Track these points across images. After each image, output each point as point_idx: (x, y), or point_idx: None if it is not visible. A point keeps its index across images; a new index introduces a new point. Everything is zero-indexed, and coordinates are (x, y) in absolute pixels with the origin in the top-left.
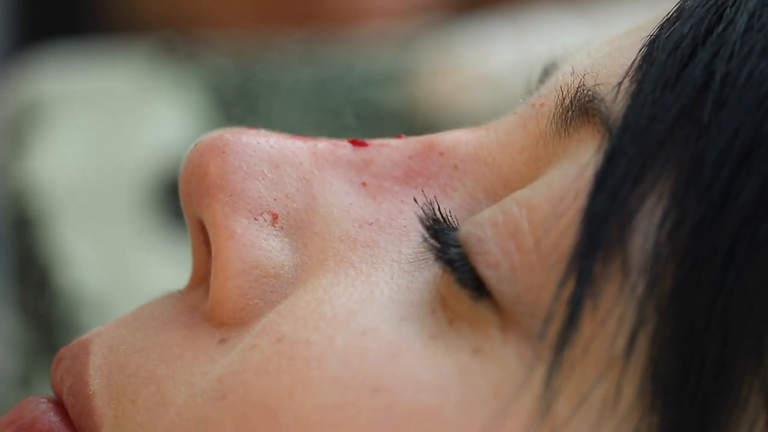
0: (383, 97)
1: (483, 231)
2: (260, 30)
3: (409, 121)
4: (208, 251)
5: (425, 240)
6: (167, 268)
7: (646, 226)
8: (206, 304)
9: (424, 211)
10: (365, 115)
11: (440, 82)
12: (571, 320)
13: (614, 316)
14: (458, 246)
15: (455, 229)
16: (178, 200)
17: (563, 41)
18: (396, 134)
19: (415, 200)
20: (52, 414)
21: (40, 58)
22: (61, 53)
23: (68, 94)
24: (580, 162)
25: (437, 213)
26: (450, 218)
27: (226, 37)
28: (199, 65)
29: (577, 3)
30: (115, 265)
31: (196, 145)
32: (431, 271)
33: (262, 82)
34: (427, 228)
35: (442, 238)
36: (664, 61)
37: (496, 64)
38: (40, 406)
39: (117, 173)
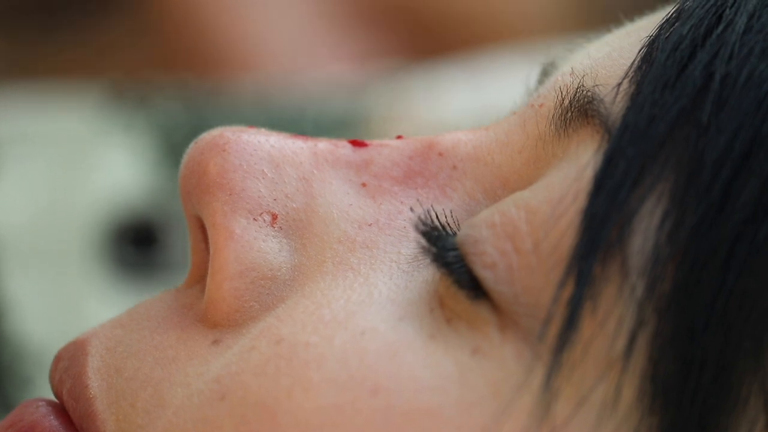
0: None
1: (479, 232)
2: (212, 75)
3: None
4: (207, 249)
5: (422, 246)
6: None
7: (646, 227)
8: (201, 303)
9: (420, 219)
10: None
11: (392, 129)
12: (571, 321)
13: (614, 317)
14: (455, 249)
15: (453, 233)
16: (129, 247)
17: (518, 87)
18: None
19: (411, 209)
20: (51, 417)
21: None
22: (11, 95)
23: (17, 136)
24: (579, 163)
25: (435, 221)
26: (448, 221)
27: (176, 82)
28: (149, 109)
29: (532, 49)
30: (63, 314)
31: (196, 142)
32: (429, 270)
33: (212, 125)
34: (423, 234)
35: (438, 243)
36: (664, 62)
37: (448, 111)
38: (39, 410)
39: (67, 217)
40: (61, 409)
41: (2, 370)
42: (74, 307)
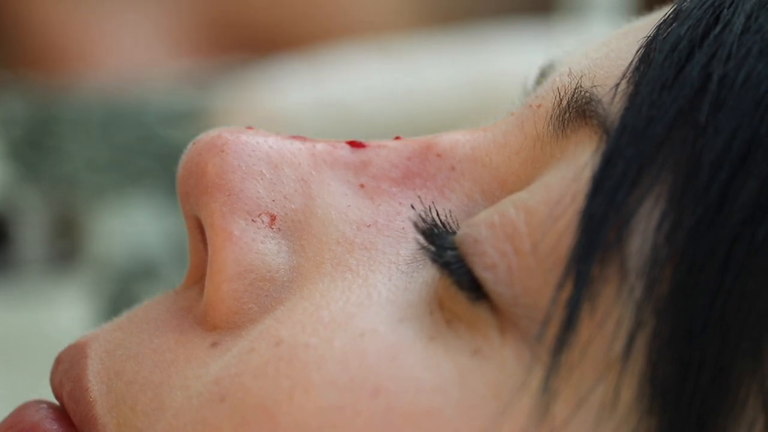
0: (176, 135)
1: (479, 232)
2: (53, 73)
3: None
4: (206, 250)
5: (421, 244)
6: None
7: (644, 228)
8: (200, 305)
9: (421, 217)
10: (158, 153)
11: (233, 120)
12: (569, 322)
13: (612, 319)
14: (454, 248)
15: (452, 232)
16: None
17: (363, 83)
18: None
19: (412, 207)
20: (51, 420)
21: None
22: None
23: None
24: (577, 164)
25: (435, 218)
26: (448, 220)
27: (17, 79)
28: None
29: (379, 44)
30: None
31: (194, 143)
32: (429, 272)
33: (52, 118)
34: (423, 232)
35: (438, 241)
36: (662, 62)
37: (290, 104)
38: (40, 411)
39: None
40: (61, 412)
41: None
42: None
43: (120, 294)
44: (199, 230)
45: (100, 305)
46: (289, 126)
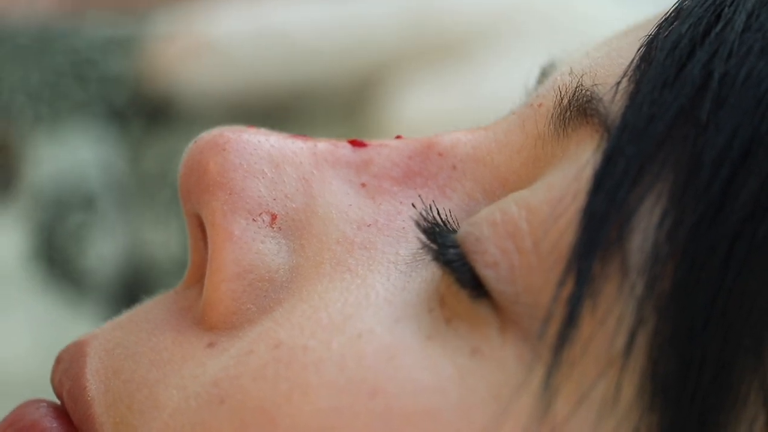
0: (107, 60)
1: (480, 230)
2: None
3: (133, 86)
4: (206, 248)
5: (422, 243)
6: None
7: (645, 225)
8: (199, 305)
9: (422, 215)
10: (89, 77)
11: (165, 48)
12: (571, 320)
13: (613, 316)
14: (456, 247)
15: (453, 231)
16: None
17: (302, 14)
18: (120, 99)
19: (413, 206)
20: (50, 418)
21: None
22: None
23: None
24: (578, 162)
25: (436, 216)
26: (449, 219)
27: None
28: None
29: None
30: None
31: (195, 141)
32: (429, 270)
33: None
34: (425, 231)
35: (439, 240)
36: (663, 60)
37: (221, 32)
38: (39, 410)
39: None
40: (61, 411)
41: None
42: None
43: (55, 222)
44: (200, 228)
45: (34, 233)
46: (224, 55)
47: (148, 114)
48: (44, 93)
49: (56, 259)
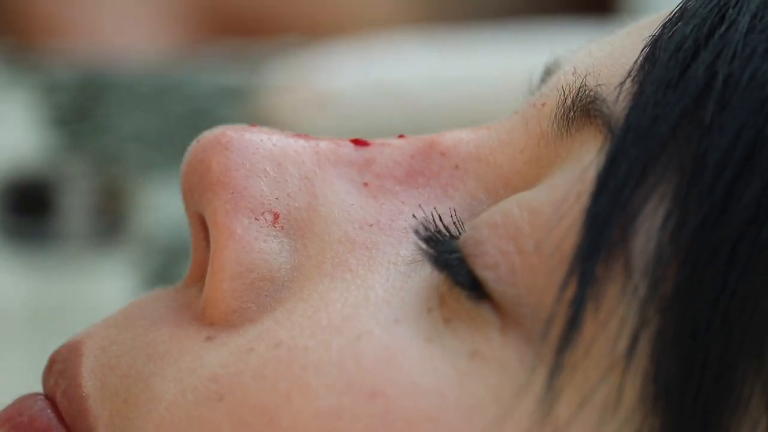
0: (227, 111)
1: (480, 233)
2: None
3: None
4: (208, 247)
5: (421, 249)
6: (6, 278)
7: (648, 227)
8: (199, 302)
9: (422, 224)
10: (201, 125)
11: (282, 99)
12: (573, 321)
13: (616, 318)
14: (456, 251)
15: (455, 237)
16: (15, 207)
17: (413, 68)
18: None
19: (414, 216)
20: (49, 411)
21: None
22: None
23: None
24: (582, 163)
25: (438, 223)
26: (450, 224)
27: (69, 48)
28: (39, 71)
29: (424, 28)
30: None
31: (198, 140)
32: (428, 270)
33: (101, 87)
34: (425, 240)
35: (439, 246)
36: (667, 61)
37: (339, 86)
38: (38, 404)
39: None
40: (57, 408)
41: None
42: None
43: (163, 269)
44: (202, 227)
45: (143, 279)
46: (343, 107)
47: None
48: (158, 140)
49: None
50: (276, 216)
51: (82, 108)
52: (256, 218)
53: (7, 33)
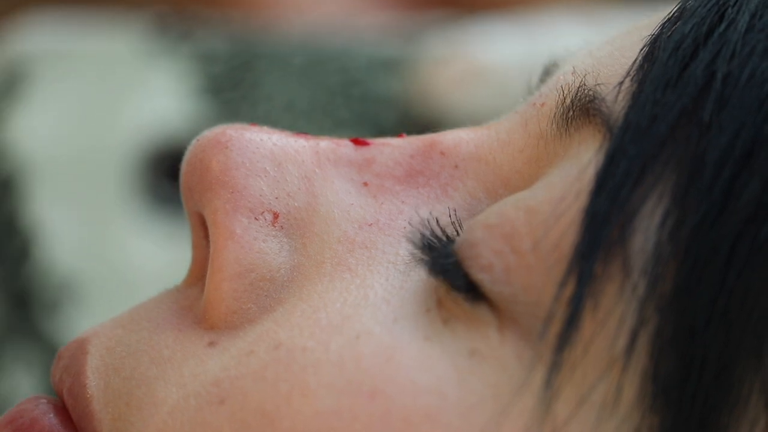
0: (378, 82)
1: (474, 235)
2: (257, 14)
3: (403, 109)
4: (209, 246)
5: (415, 256)
6: (149, 248)
7: (647, 226)
8: (200, 304)
9: (419, 230)
10: (358, 97)
11: (438, 73)
12: (572, 320)
13: (615, 316)
14: (452, 256)
15: (452, 240)
16: (166, 179)
17: (567, 42)
18: (388, 120)
19: (410, 224)
20: (51, 415)
21: (32, 20)
22: (54, 18)
23: (57, 55)
24: (581, 162)
25: (435, 227)
26: (446, 228)
27: (221, 18)
28: (192, 40)
29: (584, 6)
30: (94, 244)
31: (198, 139)
32: (426, 271)
33: (255, 56)
34: (420, 247)
35: (434, 252)
36: (666, 60)
37: (497, 59)
38: (39, 407)
39: (102, 142)
40: (61, 407)
41: (30, 295)
42: (105, 236)
43: None
44: (202, 226)
45: None
46: (499, 81)
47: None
48: (310, 111)
49: None
50: (276, 215)
51: (235, 78)
52: (255, 218)
53: (162, 1)
